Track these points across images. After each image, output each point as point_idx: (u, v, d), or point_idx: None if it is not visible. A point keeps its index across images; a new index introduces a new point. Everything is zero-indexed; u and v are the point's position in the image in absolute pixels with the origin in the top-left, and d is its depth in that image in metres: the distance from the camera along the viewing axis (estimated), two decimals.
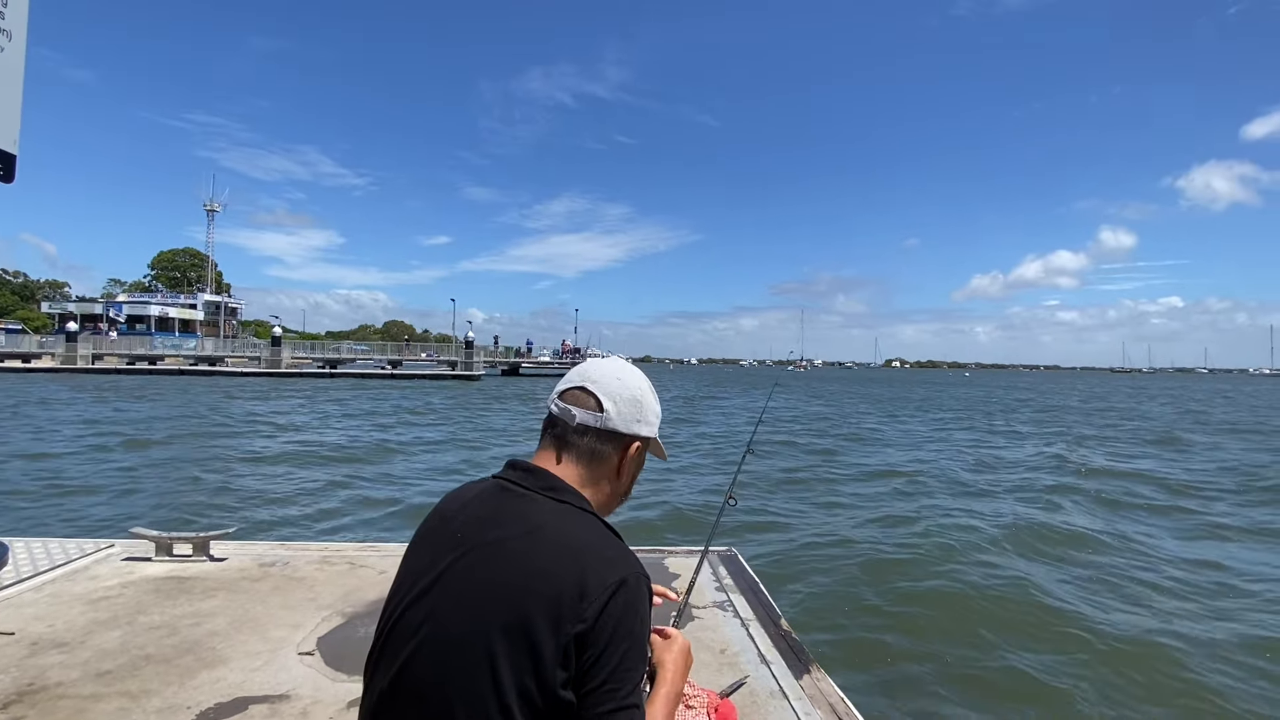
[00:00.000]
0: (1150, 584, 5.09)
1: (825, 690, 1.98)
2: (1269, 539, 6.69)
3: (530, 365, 52.02)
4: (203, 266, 72.36)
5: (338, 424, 15.81)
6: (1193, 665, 3.62)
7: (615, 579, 0.85)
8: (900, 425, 19.38)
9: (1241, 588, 5.09)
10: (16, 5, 2.87)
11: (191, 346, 49.82)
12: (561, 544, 0.88)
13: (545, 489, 0.96)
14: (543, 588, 0.83)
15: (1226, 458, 12.91)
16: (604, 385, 1.03)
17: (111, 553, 3.07)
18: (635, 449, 1.04)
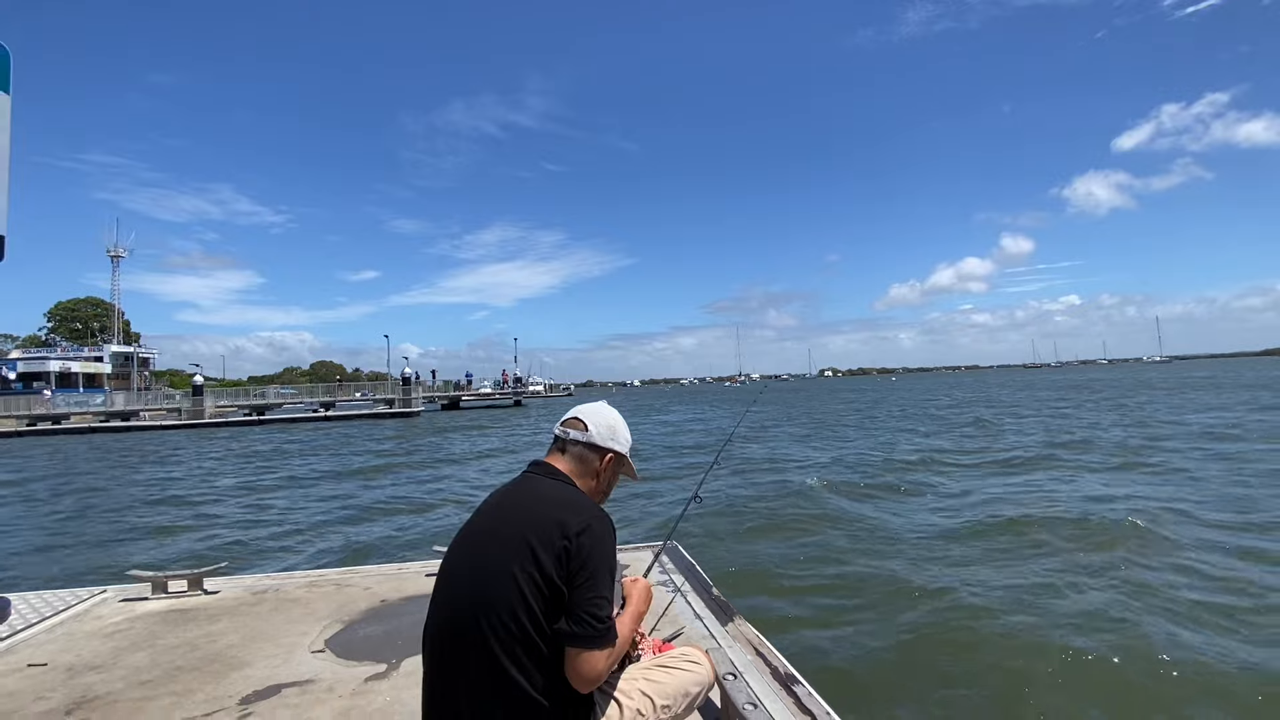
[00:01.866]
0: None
1: (746, 633, 2.54)
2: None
3: (471, 398, 51.34)
4: (107, 316, 68.02)
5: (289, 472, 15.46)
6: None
7: (586, 518, 1.43)
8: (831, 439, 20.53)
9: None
10: (1, 104, 3.20)
11: (99, 402, 46.62)
12: (553, 500, 1.48)
13: (548, 474, 1.59)
14: (540, 523, 1.41)
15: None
16: (589, 415, 1.69)
17: (107, 596, 3.32)
18: (609, 460, 1.67)
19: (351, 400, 48.56)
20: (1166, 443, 12.69)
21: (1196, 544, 5.65)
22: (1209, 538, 5.86)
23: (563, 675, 1.36)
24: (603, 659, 1.38)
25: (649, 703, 1.59)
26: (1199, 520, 6.52)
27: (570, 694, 1.38)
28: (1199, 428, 15.03)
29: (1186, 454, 11.12)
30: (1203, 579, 4.78)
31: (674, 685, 1.65)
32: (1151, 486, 8.45)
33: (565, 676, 1.36)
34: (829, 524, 7.04)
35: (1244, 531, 6.05)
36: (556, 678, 1.36)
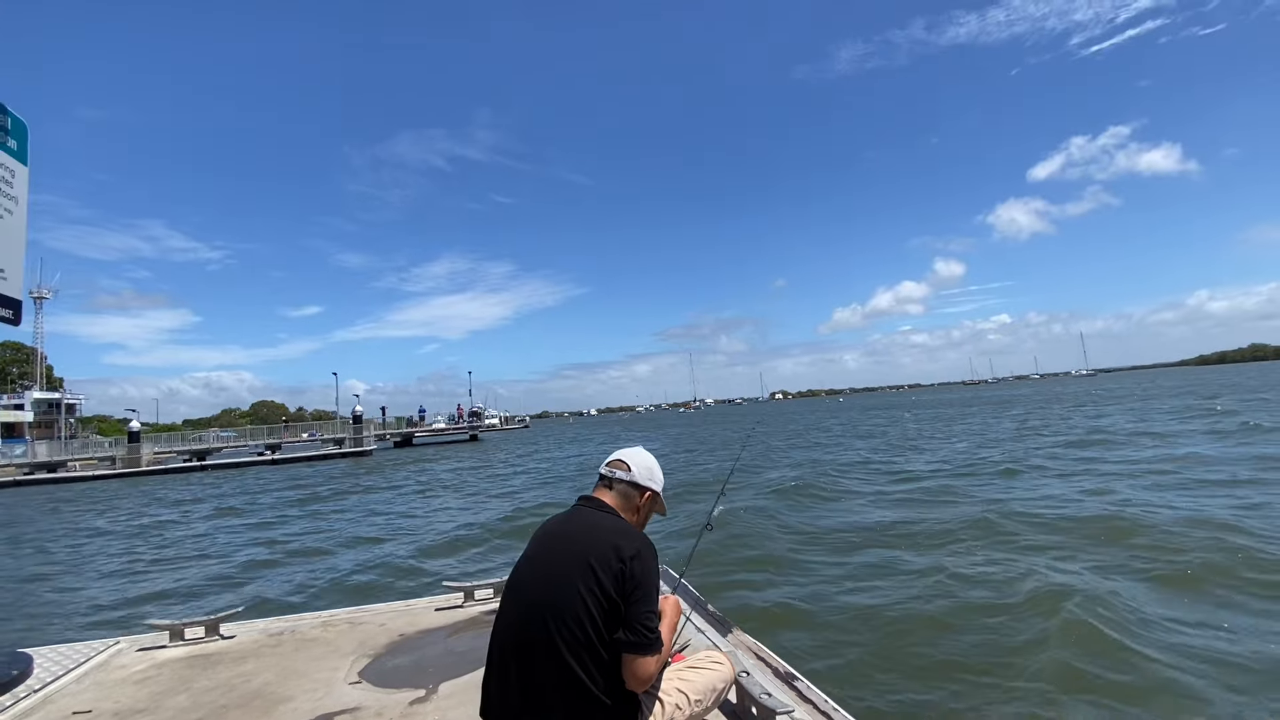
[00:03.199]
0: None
1: (745, 640, 2.89)
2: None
3: (424, 434, 50.30)
4: (28, 361, 64.01)
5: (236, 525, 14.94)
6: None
7: (637, 544, 1.76)
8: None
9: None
10: (20, 176, 3.38)
11: (20, 453, 43.61)
12: (608, 528, 1.81)
13: (599, 507, 1.92)
14: (599, 548, 1.72)
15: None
16: (631, 458, 2.03)
17: (122, 646, 3.40)
18: (648, 496, 2.01)
19: (299, 441, 46.93)
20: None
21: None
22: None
23: (619, 677, 1.67)
24: (653, 663, 1.70)
25: (685, 698, 1.92)
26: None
27: (626, 694, 1.69)
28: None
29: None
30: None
31: (704, 683, 1.98)
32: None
33: (622, 679, 1.68)
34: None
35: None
36: (615, 679, 1.67)
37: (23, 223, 3.39)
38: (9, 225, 3.29)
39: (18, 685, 2.88)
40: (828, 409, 77.84)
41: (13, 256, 3.33)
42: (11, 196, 3.32)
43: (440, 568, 7.99)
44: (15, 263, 3.35)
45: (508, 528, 10.37)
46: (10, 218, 3.30)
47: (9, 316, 3.28)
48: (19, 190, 3.38)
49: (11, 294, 3.32)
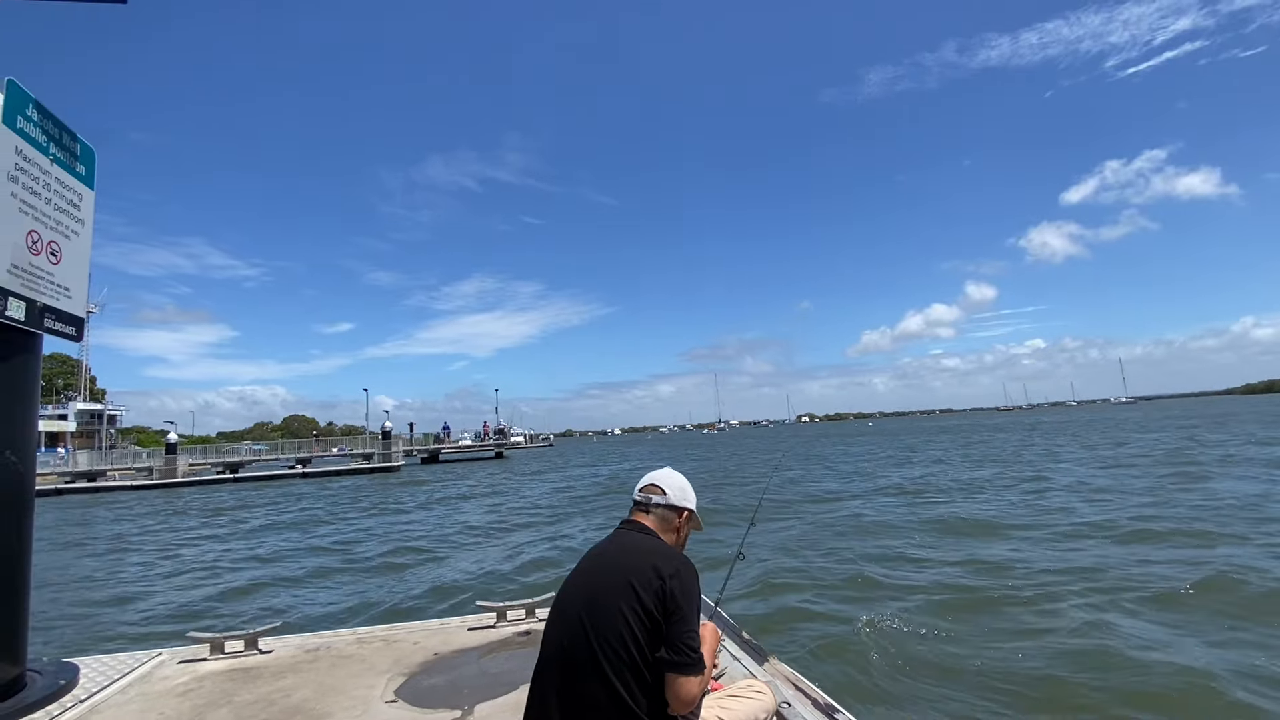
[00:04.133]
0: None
1: (783, 670, 2.82)
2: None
3: (451, 450, 50.75)
4: (73, 373, 66.45)
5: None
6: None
7: (676, 564, 1.76)
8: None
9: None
10: (87, 200, 3.55)
11: (61, 461, 45.08)
12: (648, 549, 1.82)
13: (640, 530, 1.93)
14: (639, 568, 1.73)
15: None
16: (664, 480, 2.04)
17: (164, 659, 3.46)
18: (685, 515, 2.02)
19: (328, 455, 47.70)
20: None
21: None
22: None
23: (662, 699, 1.66)
24: (696, 684, 1.68)
25: None
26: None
27: (668, 717, 1.66)
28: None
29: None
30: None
31: (745, 712, 1.95)
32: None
33: (664, 701, 1.66)
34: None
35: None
36: (657, 701, 1.65)
37: (88, 244, 3.55)
38: (75, 246, 3.45)
39: (64, 695, 2.94)
40: (856, 431, 76.59)
41: (78, 276, 3.48)
42: (79, 219, 3.48)
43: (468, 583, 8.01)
44: (80, 282, 3.50)
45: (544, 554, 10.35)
46: (77, 239, 3.46)
47: (71, 333, 3.41)
48: (85, 213, 3.54)
49: (76, 311, 3.47)
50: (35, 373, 3.26)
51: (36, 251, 3.15)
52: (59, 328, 3.32)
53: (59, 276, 3.31)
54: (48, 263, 3.23)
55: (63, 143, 3.37)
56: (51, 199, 3.26)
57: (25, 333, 3.10)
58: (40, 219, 3.18)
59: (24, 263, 3.06)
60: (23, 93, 3.07)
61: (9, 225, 2.97)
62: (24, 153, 3.06)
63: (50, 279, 3.25)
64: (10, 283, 2.97)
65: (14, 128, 3.00)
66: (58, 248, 3.30)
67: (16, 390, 3.10)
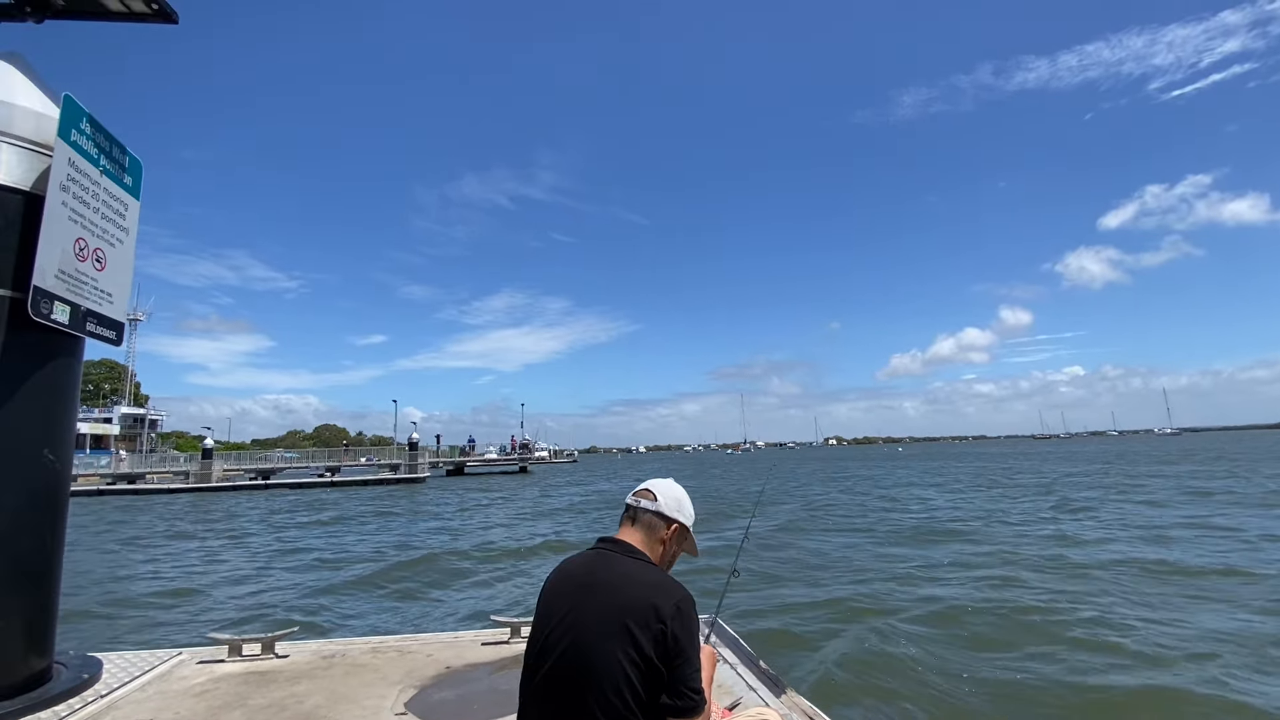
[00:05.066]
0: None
1: (800, 703, 2.74)
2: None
3: (476, 463, 51.17)
4: (119, 378, 68.94)
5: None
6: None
7: (675, 600, 1.61)
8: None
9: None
10: (132, 210, 3.69)
11: (105, 464, 46.64)
12: (641, 582, 1.65)
13: (625, 552, 1.76)
14: (635, 607, 1.58)
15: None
16: (658, 488, 1.91)
17: (183, 658, 3.51)
18: (674, 529, 1.86)
19: (356, 465, 48.47)
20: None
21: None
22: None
23: None
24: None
25: None
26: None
27: None
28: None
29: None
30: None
31: None
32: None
33: None
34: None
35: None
36: None
37: (131, 252, 3.69)
38: (119, 254, 3.58)
39: (87, 689, 3.00)
40: (885, 455, 75.00)
41: (121, 283, 3.61)
42: (124, 228, 3.62)
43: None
44: (123, 289, 3.63)
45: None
46: (121, 247, 3.60)
47: (112, 337, 3.53)
48: (130, 223, 3.68)
49: (116, 316, 3.59)
50: (76, 375, 3.37)
51: (83, 258, 3.28)
52: (100, 331, 3.44)
53: (103, 282, 3.44)
54: (93, 269, 3.36)
55: (112, 155, 3.52)
56: (99, 208, 3.40)
57: (68, 336, 3.22)
58: (88, 227, 3.31)
59: (71, 268, 3.18)
60: (78, 107, 3.22)
61: (59, 232, 3.10)
62: (76, 164, 3.20)
63: (94, 284, 3.37)
64: (57, 287, 3.09)
65: (68, 140, 3.15)
66: (103, 255, 3.43)
67: (57, 391, 3.21)
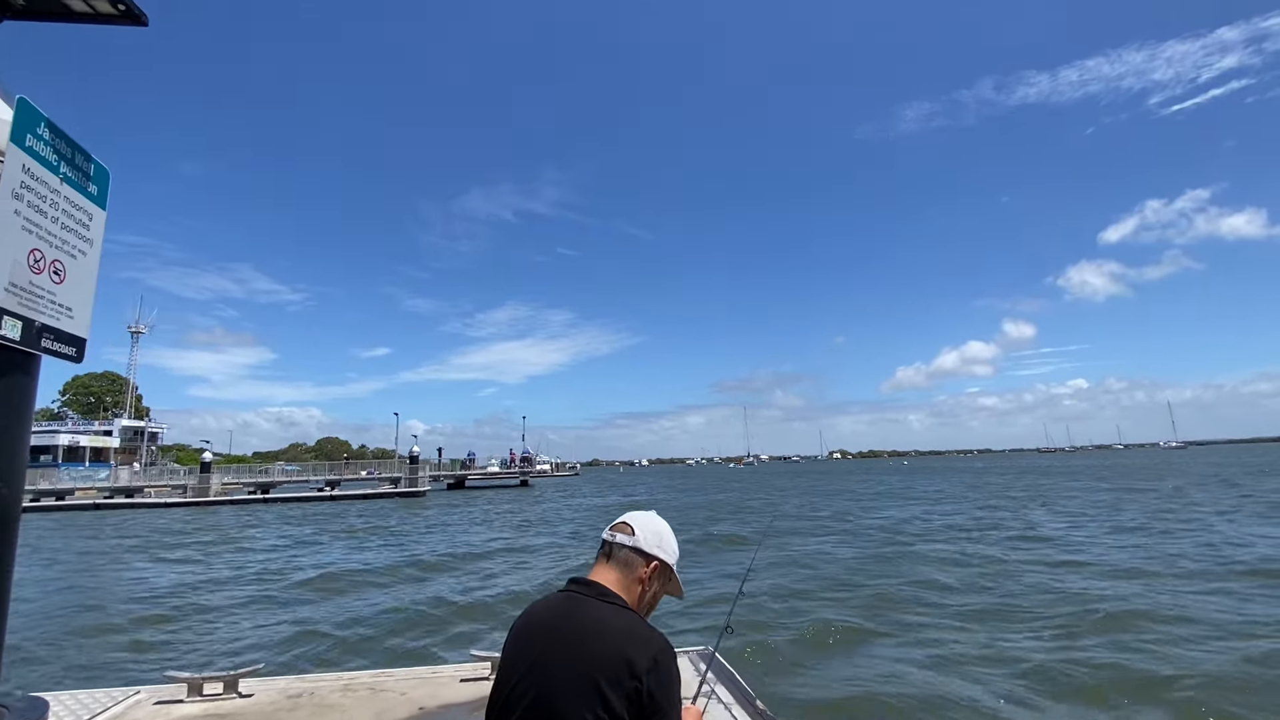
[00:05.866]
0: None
1: None
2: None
3: (477, 476, 50.86)
4: (121, 391, 68.92)
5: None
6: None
7: (652, 652, 1.40)
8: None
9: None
10: (98, 219, 3.50)
11: (104, 477, 46.41)
12: (614, 631, 1.44)
13: (598, 595, 1.55)
14: (606, 661, 1.37)
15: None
16: (637, 521, 1.69)
17: (140, 698, 3.28)
18: (654, 568, 1.63)
19: (357, 479, 48.19)
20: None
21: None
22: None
23: None
24: None
25: None
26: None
27: None
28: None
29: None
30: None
31: None
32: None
33: None
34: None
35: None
36: None
37: (95, 265, 3.49)
38: (82, 266, 3.39)
39: None
40: (891, 469, 74.44)
41: (83, 296, 3.41)
42: (87, 239, 3.43)
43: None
44: (85, 303, 3.43)
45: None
46: (84, 259, 3.41)
47: (71, 354, 3.32)
48: (95, 233, 3.49)
49: (78, 332, 3.38)
50: (30, 394, 3.15)
51: (38, 270, 3.08)
52: (58, 348, 3.23)
53: (61, 296, 3.24)
54: (50, 282, 3.16)
55: (75, 162, 3.34)
56: (59, 218, 3.21)
57: (21, 353, 3.02)
58: (45, 237, 3.12)
59: (24, 281, 2.98)
60: (34, 111, 3.04)
61: (10, 243, 2.90)
62: (31, 170, 3.02)
63: (52, 298, 3.18)
64: (7, 301, 2.90)
65: (22, 146, 2.96)
66: (62, 267, 3.24)
67: (10, 411, 3.00)
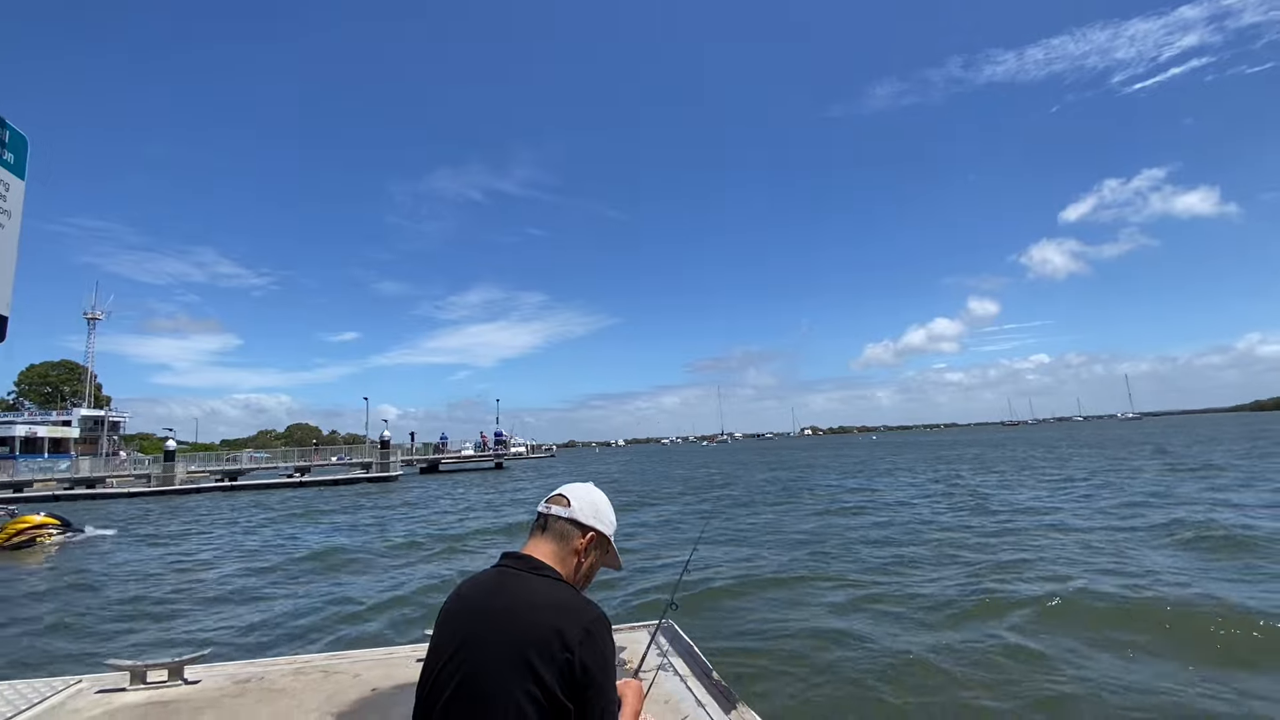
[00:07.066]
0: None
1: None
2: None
3: (451, 460, 50.49)
4: (79, 379, 66.59)
5: None
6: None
7: (584, 623, 1.38)
8: None
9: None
10: (15, 189, 3.29)
11: (64, 468, 44.97)
12: (545, 605, 1.41)
13: (530, 569, 1.51)
14: (537, 634, 1.35)
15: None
16: (573, 492, 1.66)
17: (82, 687, 3.17)
18: (590, 538, 1.61)
19: (328, 464, 47.49)
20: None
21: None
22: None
23: None
24: None
25: None
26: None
27: None
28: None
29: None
30: None
31: None
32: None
33: None
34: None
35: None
36: None
37: (15, 237, 3.29)
38: (1, 239, 3.21)
39: None
40: (860, 443, 75.96)
41: (4, 271, 3.23)
42: (5, 210, 3.21)
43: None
44: (5, 278, 3.25)
45: None
46: (2, 231, 3.22)
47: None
48: (13, 204, 3.26)
49: (1, 310, 3.22)
50: None
51: None
52: None
53: None
54: None
55: None
56: None
57: None
58: None
59: None
60: None
61: None
62: None
63: None
64: None
65: None
66: None
67: None
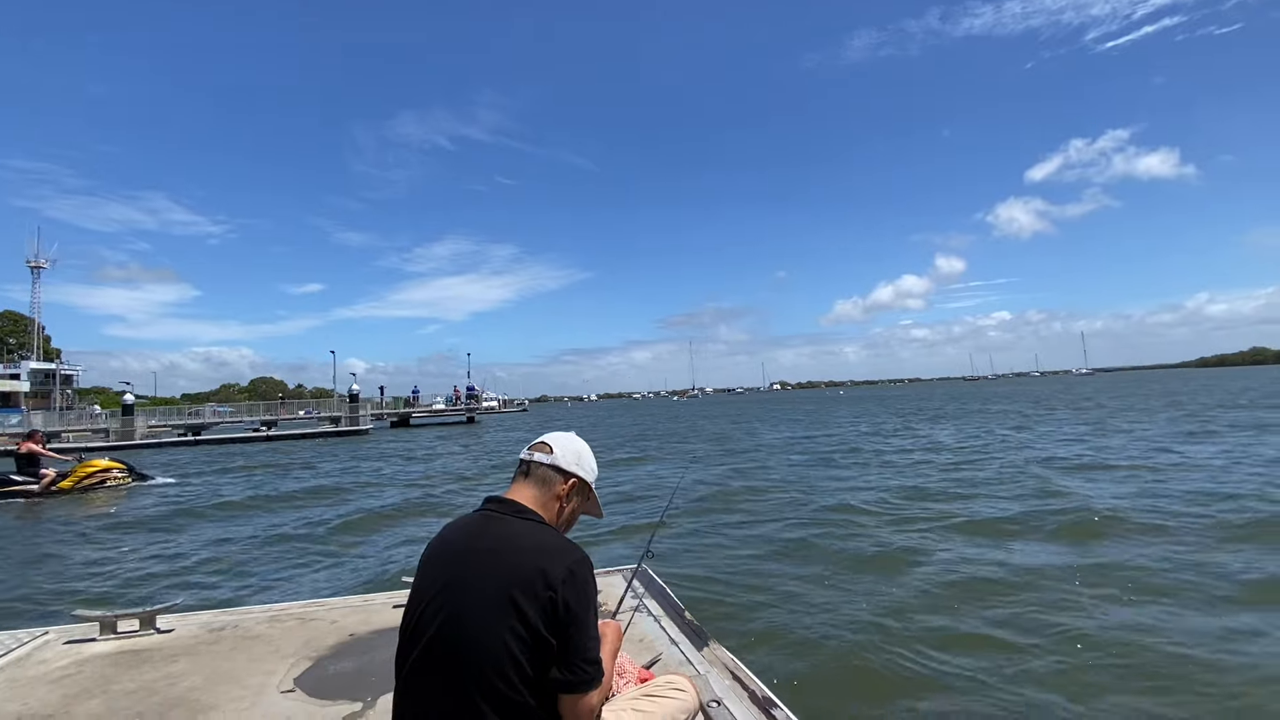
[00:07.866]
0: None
1: (721, 656, 2.61)
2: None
3: (423, 414, 50.14)
4: (25, 331, 63.78)
5: None
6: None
7: (567, 563, 1.41)
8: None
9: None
10: None
11: (15, 423, 43.45)
12: (529, 546, 1.43)
13: (514, 512, 1.54)
14: (521, 574, 1.37)
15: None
16: (555, 440, 1.68)
17: (49, 638, 3.14)
18: (571, 484, 1.64)
19: (295, 419, 46.75)
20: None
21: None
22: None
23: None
24: (596, 698, 1.41)
25: None
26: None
27: None
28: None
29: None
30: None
31: (661, 714, 1.70)
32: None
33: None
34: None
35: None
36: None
37: None
38: None
39: None
40: (830, 399, 77.51)
41: None
42: None
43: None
44: None
45: None
46: None
47: None
48: None
49: None
50: None
51: None
52: None
53: None
54: None
55: None
56: None
57: None
58: None
59: None
60: None
61: None
62: None
63: None
64: None
65: None
66: None
67: None
